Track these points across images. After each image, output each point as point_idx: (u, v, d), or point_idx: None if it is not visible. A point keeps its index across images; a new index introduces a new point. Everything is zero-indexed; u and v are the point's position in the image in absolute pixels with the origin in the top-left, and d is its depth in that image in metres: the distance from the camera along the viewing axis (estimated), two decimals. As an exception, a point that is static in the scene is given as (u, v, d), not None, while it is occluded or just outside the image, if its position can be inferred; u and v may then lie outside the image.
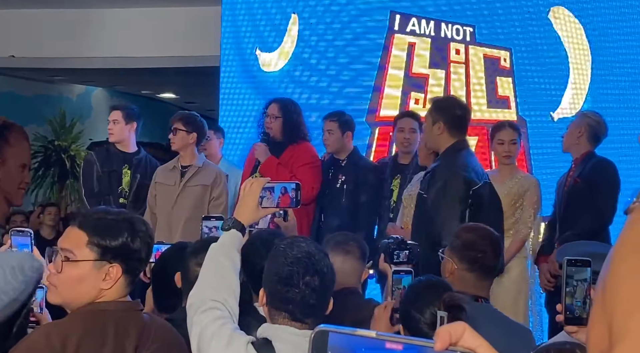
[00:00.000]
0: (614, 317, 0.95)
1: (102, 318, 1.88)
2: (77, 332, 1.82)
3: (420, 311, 2.17)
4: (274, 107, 4.71)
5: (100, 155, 5.03)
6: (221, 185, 4.68)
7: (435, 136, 3.68)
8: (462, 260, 2.67)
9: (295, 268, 1.88)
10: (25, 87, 9.84)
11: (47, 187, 9.82)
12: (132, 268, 1.92)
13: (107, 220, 1.90)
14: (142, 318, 1.96)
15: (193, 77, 8.46)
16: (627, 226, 1.04)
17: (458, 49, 5.38)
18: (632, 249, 1.00)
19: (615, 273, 0.99)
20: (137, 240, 1.90)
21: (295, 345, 1.84)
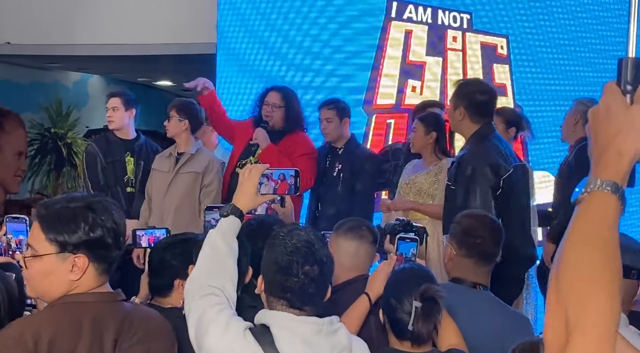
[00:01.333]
0: (569, 309, 0.97)
1: (77, 311, 1.84)
2: (51, 327, 1.79)
3: (398, 300, 2.20)
4: (275, 95, 4.67)
5: (101, 145, 5.01)
6: (213, 172, 4.67)
7: (457, 122, 3.62)
8: (460, 246, 2.69)
9: (294, 257, 1.88)
10: (21, 75, 9.80)
11: (44, 174, 9.80)
12: (100, 257, 1.86)
13: (65, 211, 1.84)
14: (122, 309, 1.91)
15: (189, 64, 8.42)
16: (576, 215, 1.05)
17: (455, 36, 5.37)
18: (582, 240, 1.01)
19: (567, 264, 1.00)
20: (98, 228, 1.84)
21: (292, 331, 1.85)
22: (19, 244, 2.41)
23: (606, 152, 1.06)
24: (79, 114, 10.26)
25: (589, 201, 1.05)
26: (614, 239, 1.02)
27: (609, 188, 1.04)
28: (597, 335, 0.95)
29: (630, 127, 1.06)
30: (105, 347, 1.82)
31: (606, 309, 0.97)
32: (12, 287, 2.16)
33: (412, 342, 2.18)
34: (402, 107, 5.32)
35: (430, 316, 2.16)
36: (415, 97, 5.31)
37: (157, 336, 1.95)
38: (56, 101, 10.00)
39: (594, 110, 1.10)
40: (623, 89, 1.08)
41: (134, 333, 1.87)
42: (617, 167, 1.05)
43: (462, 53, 5.38)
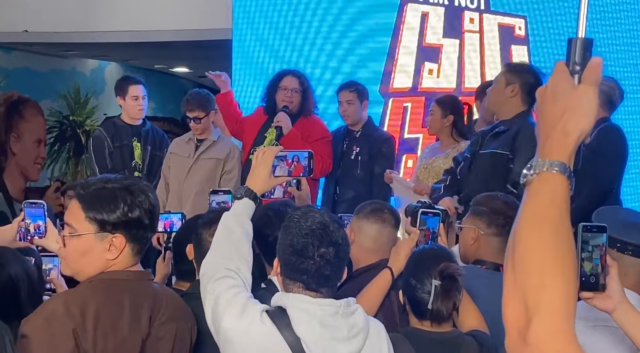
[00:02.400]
0: (527, 292, 0.97)
1: (117, 287, 1.88)
2: (95, 300, 1.83)
3: (419, 279, 2.20)
4: (293, 80, 4.66)
5: (109, 130, 5.02)
6: (234, 160, 4.70)
7: (507, 98, 3.60)
8: (490, 225, 2.66)
9: (309, 239, 1.87)
10: (40, 62, 9.86)
11: (63, 161, 9.89)
12: (136, 237, 1.89)
13: (104, 191, 1.87)
14: (153, 288, 1.97)
15: (206, 50, 8.42)
16: (526, 198, 1.05)
17: (472, 17, 5.32)
18: (535, 221, 1.02)
19: (521, 248, 1.01)
20: (136, 208, 1.87)
21: (309, 314, 1.84)
22: (38, 229, 2.44)
23: (552, 132, 1.06)
24: (96, 102, 10.31)
25: (538, 183, 1.04)
26: (565, 220, 1.01)
27: (557, 169, 1.04)
28: (557, 317, 0.95)
29: (576, 106, 1.06)
30: (142, 322, 1.87)
31: (563, 292, 0.97)
32: (32, 270, 2.19)
33: (431, 321, 2.18)
34: (418, 90, 5.29)
35: (450, 294, 2.15)
36: (432, 79, 5.27)
37: (182, 316, 1.99)
38: (74, 89, 10.06)
39: (542, 90, 1.10)
40: (571, 69, 1.08)
41: (163, 313, 1.92)
42: (564, 147, 1.05)
43: (479, 34, 5.33)
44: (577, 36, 1.11)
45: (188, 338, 2.00)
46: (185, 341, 1.99)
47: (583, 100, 1.06)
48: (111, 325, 1.81)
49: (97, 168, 4.98)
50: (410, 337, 2.17)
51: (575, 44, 1.09)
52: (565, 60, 1.10)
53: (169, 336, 1.93)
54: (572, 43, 1.10)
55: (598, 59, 1.09)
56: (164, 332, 1.92)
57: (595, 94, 1.07)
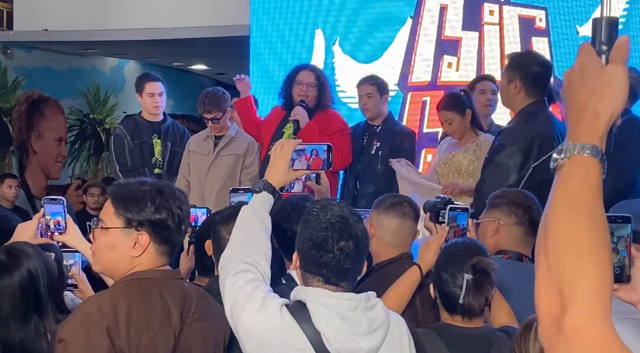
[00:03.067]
0: (562, 279, 0.94)
1: (146, 285, 1.94)
2: (126, 299, 1.89)
3: (450, 273, 2.18)
4: (309, 75, 4.65)
5: (129, 128, 5.04)
6: (253, 154, 4.71)
7: (511, 96, 3.49)
8: (510, 214, 2.66)
9: (329, 233, 1.86)
10: (60, 61, 9.92)
11: (84, 160, 9.95)
12: (161, 237, 1.96)
13: (136, 191, 1.97)
14: (183, 287, 2.01)
15: (224, 47, 8.43)
16: (558, 183, 1.01)
17: (492, 9, 5.27)
18: (568, 206, 0.98)
19: (554, 233, 0.97)
20: (164, 210, 1.95)
21: (329, 308, 1.83)
22: (57, 225, 2.45)
23: (582, 115, 1.03)
24: (116, 100, 10.37)
25: (569, 167, 1.01)
26: (598, 204, 0.98)
27: (589, 152, 1.01)
28: (594, 305, 0.92)
29: (605, 87, 1.02)
30: (173, 319, 1.92)
31: (599, 278, 0.93)
32: (52, 266, 2.20)
33: (462, 316, 2.16)
34: (437, 84, 5.25)
35: (482, 289, 2.13)
36: (451, 73, 5.23)
37: (213, 315, 2.02)
38: (94, 87, 10.12)
39: (569, 73, 1.07)
40: (598, 49, 1.05)
41: (194, 311, 1.96)
42: (595, 129, 1.02)
43: (499, 27, 5.28)
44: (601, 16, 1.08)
45: (221, 337, 2.03)
46: (218, 340, 2.02)
47: (613, 80, 1.02)
48: (144, 322, 1.86)
49: (117, 166, 5.00)
50: (441, 332, 2.15)
51: (601, 24, 1.06)
52: (591, 41, 1.06)
53: (200, 334, 1.96)
54: (597, 22, 1.07)
55: (625, 37, 1.05)
56: (195, 330, 1.95)
57: (625, 73, 1.03)
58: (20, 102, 9.11)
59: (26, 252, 2.15)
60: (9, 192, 6.40)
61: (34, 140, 9.16)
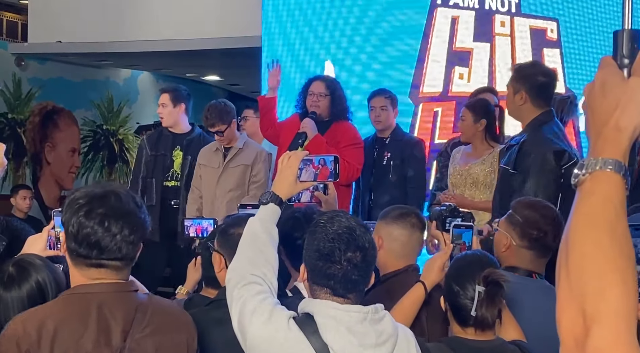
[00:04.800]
0: (585, 299, 0.91)
1: (83, 301, 1.86)
2: (55, 317, 1.83)
3: (461, 285, 2.16)
4: (320, 85, 4.66)
5: (151, 139, 5.12)
6: (260, 163, 4.72)
7: (518, 107, 3.47)
8: (522, 237, 2.61)
9: (336, 244, 1.85)
10: (74, 72, 10.01)
11: (97, 170, 10.01)
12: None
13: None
14: (134, 299, 1.91)
15: (237, 58, 8.48)
16: (579, 199, 0.98)
17: (503, 21, 5.26)
18: (590, 223, 0.95)
19: (576, 252, 0.94)
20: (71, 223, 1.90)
21: (337, 320, 1.82)
22: None
23: (604, 129, 1.00)
24: (129, 110, 10.44)
25: (591, 183, 0.98)
26: (621, 221, 0.95)
27: (611, 167, 0.97)
28: (619, 326, 0.90)
29: (628, 100, 0.99)
30: (113, 337, 1.84)
31: (624, 298, 0.91)
32: (61, 278, 2.21)
33: (475, 328, 2.14)
34: (449, 95, 5.24)
35: (495, 300, 2.11)
36: (462, 84, 5.22)
37: (172, 328, 1.95)
38: (107, 98, 10.20)
39: (590, 86, 1.04)
40: (619, 62, 1.03)
41: (146, 325, 1.88)
42: (617, 143, 0.99)
43: (510, 38, 5.26)
44: (622, 28, 1.06)
45: (182, 352, 1.95)
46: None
47: (635, 94, 0.99)
48: (72, 343, 1.80)
49: (132, 175, 5.05)
50: (453, 346, 2.13)
51: (622, 37, 1.04)
52: (612, 54, 1.05)
53: (152, 350, 1.88)
54: (618, 35, 1.05)
55: None
56: (145, 346, 1.87)
57: None
58: (34, 113, 9.18)
59: (35, 264, 2.16)
60: (22, 203, 6.46)
61: (47, 151, 9.22)
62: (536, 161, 3.32)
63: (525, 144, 3.40)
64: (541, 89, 3.46)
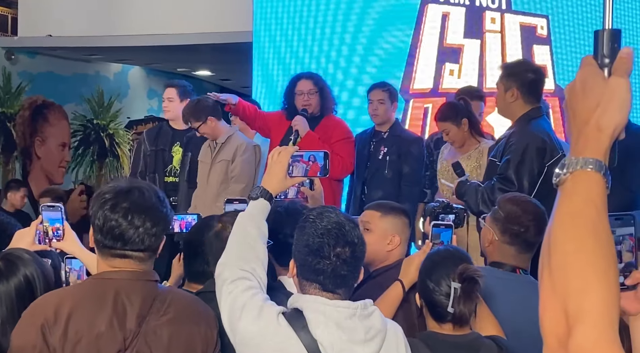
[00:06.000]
0: (567, 298, 0.92)
1: (102, 285, 1.95)
2: (72, 299, 1.91)
3: (436, 282, 2.16)
4: (307, 83, 4.65)
5: (150, 134, 5.14)
6: (238, 157, 4.71)
7: (509, 104, 3.52)
8: (504, 232, 2.62)
9: (325, 239, 1.86)
10: (64, 67, 9.95)
11: (87, 165, 9.97)
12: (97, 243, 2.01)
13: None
14: (153, 288, 1.97)
15: (228, 54, 8.46)
16: (561, 199, 0.99)
17: (493, 17, 5.28)
18: (572, 223, 0.96)
19: (559, 251, 0.95)
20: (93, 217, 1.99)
21: (326, 315, 1.83)
22: (56, 232, 2.45)
23: (585, 128, 1.01)
24: (120, 105, 10.39)
25: (572, 182, 0.99)
26: (603, 220, 0.96)
27: (592, 167, 0.98)
28: (601, 325, 0.90)
29: (608, 100, 1.00)
30: (127, 320, 1.90)
31: (606, 297, 0.91)
32: (49, 272, 2.21)
33: (453, 324, 2.14)
34: (439, 91, 5.26)
35: (471, 296, 2.11)
36: (453, 80, 5.24)
37: (190, 320, 1.98)
38: (98, 92, 10.15)
39: (571, 86, 1.05)
40: (600, 62, 1.04)
41: (163, 313, 1.93)
42: (598, 143, 1.00)
43: (500, 35, 5.28)
44: (603, 28, 1.07)
45: (198, 344, 1.98)
46: (192, 346, 1.97)
47: (615, 93, 1.00)
48: (86, 322, 1.87)
49: (130, 170, 5.09)
50: (428, 342, 2.13)
51: (603, 36, 1.05)
52: (593, 54, 1.05)
53: (166, 338, 1.91)
54: (599, 35, 1.05)
55: (628, 49, 1.03)
56: (159, 333, 1.91)
57: (627, 86, 1.01)
58: (24, 107, 9.14)
59: (23, 258, 2.16)
60: (19, 201, 6.54)
61: (37, 145, 9.18)
62: (518, 150, 3.37)
63: (511, 136, 3.46)
64: (532, 85, 3.50)
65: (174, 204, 4.89)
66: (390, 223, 2.72)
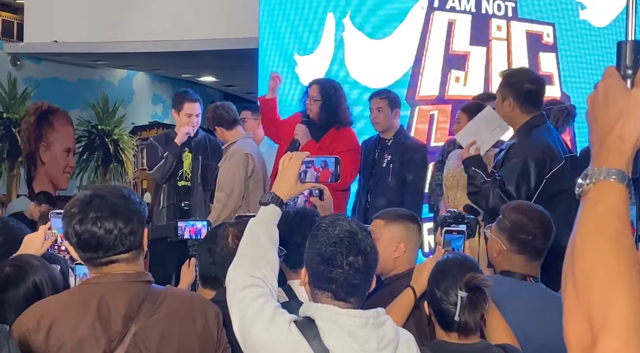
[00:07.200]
0: (592, 308, 0.92)
1: (87, 291, 1.95)
2: (56, 307, 1.92)
3: (443, 290, 2.16)
4: (314, 88, 4.74)
5: (160, 141, 5.16)
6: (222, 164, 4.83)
7: (507, 113, 3.53)
8: (511, 242, 2.61)
9: (338, 248, 1.85)
10: (69, 72, 9.98)
11: (91, 171, 9.99)
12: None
13: None
14: (143, 288, 1.95)
15: (233, 59, 8.47)
16: (584, 209, 1.00)
17: (499, 25, 5.28)
18: (595, 233, 0.96)
19: (582, 261, 0.95)
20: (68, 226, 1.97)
21: (338, 324, 1.82)
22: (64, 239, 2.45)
23: (607, 139, 1.01)
24: (124, 111, 10.42)
25: (595, 193, 1.00)
26: (626, 230, 0.97)
27: (615, 177, 0.99)
28: (627, 335, 0.90)
29: (631, 111, 1.00)
30: (112, 323, 1.89)
31: (631, 306, 0.92)
32: (58, 278, 2.21)
33: (459, 333, 2.14)
34: (445, 98, 5.26)
35: (477, 306, 2.10)
36: (458, 87, 5.24)
37: (186, 317, 1.97)
38: (102, 98, 10.18)
39: (593, 97, 1.05)
40: (623, 73, 1.04)
41: (154, 313, 1.92)
42: (620, 153, 1.00)
43: (506, 42, 5.28)
44: (626, 39, 1.07)
45: (195, 341, 1.97)
46: (190, 344, 1.97)
47: (638, 104, 1.01)
48: (69, 329, 1.87)
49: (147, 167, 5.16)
50: (436, 350, 2.13)
51: (626, 47, 1.05)
52: (616, 65, 1.05)
53: (156, 337, 1.91)
54: (622, 46, 1.05)
55: None
56: (149, 332, 1.91)
57: None
58: (29, 113, 9.17)
59: (32, 264, 2.16)
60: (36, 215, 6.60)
61: (42, 150, 9.20)
62: (517, 164, 3.37)
63: (511, 149, 3.46)
64: (528, 96, 3.50)
65: (185, 208, 4.94)
66: (395, 230, 2.73)
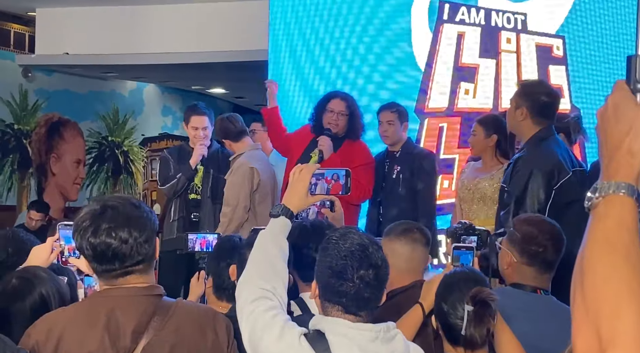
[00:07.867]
0: (601, 321, 0.92)
1: (97, 304, 1.93)
2: (66, 319, 1.92)
3: (451, 305, 2.15)
4: (340, 103, 4.68)
5: (173, 154, 5.18)
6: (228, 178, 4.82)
7: (518, 122, 3.54)
8: (522, 254, 2.61)
9: (349, 261, 1.84)
10: (79, 84, 10.04)
11: (102, 182, 10.02)
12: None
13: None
14: (154, 302, 1.94)
15: (242, 71, 8.51)
16: (593, 223, 1.00)
17: (509, 37, 5.28)
18: (604, 247, 0.97)
19: (592, 275, 0.96)
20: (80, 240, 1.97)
21: (349, 338, 1.81)
22: (72, 252, 2.45)
23: (617, 153, 1.02)
24: (135, 122, 10.46)
25: (605, 206, 1.00)
26: (635, 244, 0.97)
27: (624, 191, 0.99)
28: (635, 350, 0.91)
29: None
30: (121, 337, 1.88)
31: (639, 322, 0.92)
32: (65, 290, 2.21)
33: (465, 348, 2.13)
34: (454, 111, 5.25)
35: (483, 320, 2.09)
36: (468, 100, 5.24)
37: (196, 330, 1.97)
38: (113, 110, 10.23)
39: (602, 110, 1.06)
40: (632, 87, 1.05)
41: (164, 327, 1.91)
42: (630, 167, 1.01)
43: (516, 55, 5.29)
44: (636, 53, 1.07)
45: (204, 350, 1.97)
46: None
47: None
48: (77, 342, 1.87)
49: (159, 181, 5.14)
50: None
51: (636, 62, 1.05)
52: (625, 79, 1.06)
53: (166, 351, 1.90)
54: (632, 61, 1.06)
55: None
56: (158, 347, 1.90)
57: None
58: (40, 124, 9.22)
59: (39, 276, 2.15)
60: (32, 223, 6.62)
61: (52, 162, 9.24)
62: (523, 177, 3.37)
63: (519, 161, 3.46)
64: (543, 108, 3.51)
65: (195, 220, 4.94)
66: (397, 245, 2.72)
